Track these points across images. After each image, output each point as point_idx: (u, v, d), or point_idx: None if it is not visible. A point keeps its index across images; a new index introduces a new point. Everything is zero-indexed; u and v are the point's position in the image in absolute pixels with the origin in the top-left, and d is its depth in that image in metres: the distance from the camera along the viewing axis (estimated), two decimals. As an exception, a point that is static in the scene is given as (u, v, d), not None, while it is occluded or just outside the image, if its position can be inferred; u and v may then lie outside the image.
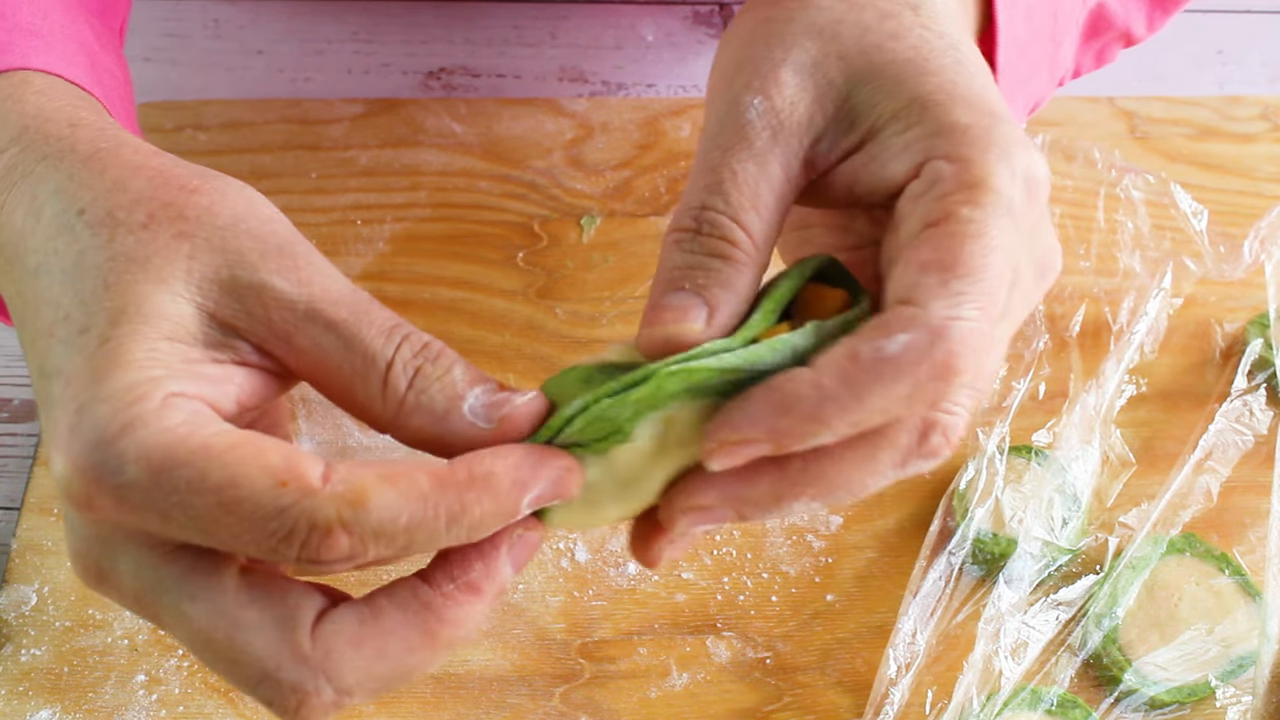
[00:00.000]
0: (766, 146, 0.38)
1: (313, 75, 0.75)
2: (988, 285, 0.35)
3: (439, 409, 0.36)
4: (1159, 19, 0.58)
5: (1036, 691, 0.53)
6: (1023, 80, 0.49)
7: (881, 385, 0.34)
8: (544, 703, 0.54)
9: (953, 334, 0.34)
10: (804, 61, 0.39)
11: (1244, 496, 0.60)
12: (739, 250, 0.38)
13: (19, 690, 0.53)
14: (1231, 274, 0.66)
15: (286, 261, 0.36)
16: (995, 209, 0.36)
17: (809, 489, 0.36)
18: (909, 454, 0.37)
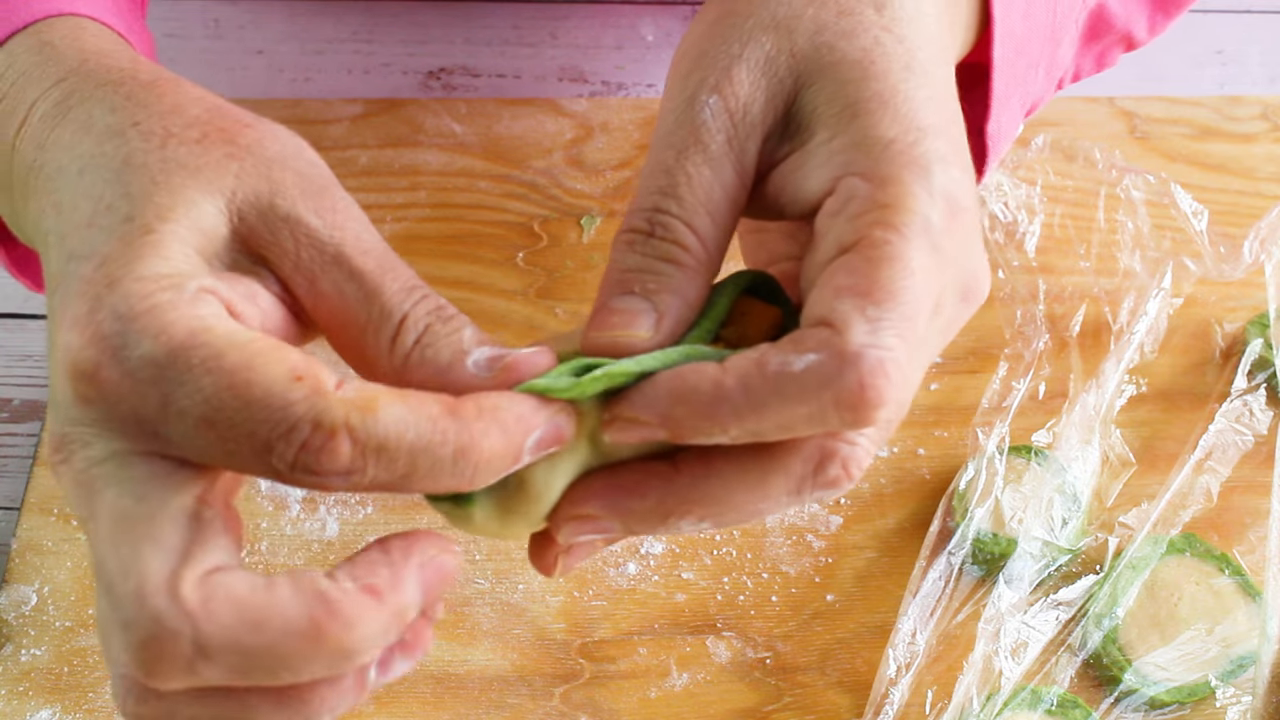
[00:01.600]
0: (721, 149, 0.38)
1: (313, 75, 0.75)
2: (906, 311, 0.35)
3: (443, 361, 0.36)
4: (1161, 22, 0.58)
5: (1036, 691, 0.53)
6: (1019, 78, 0.49)
7: (781, 400, 0.34)
8: (544, 703, 0.54)
9: (865, 362, 0.34)
10: (759, 58, 0.39)
11: (1244, 496, 0.60)
12: (690, 255, 0.37)
13: (19, 690, 0.53)
14: (1231, 274, 0.66)
15: (325, 202, 0.37)
16: (911, 231, 0.35)
17: (697, 508, 0.36)
18: (804, 482, 0.36)
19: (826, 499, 0.38)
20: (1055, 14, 0.50)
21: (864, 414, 0.34)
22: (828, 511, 0.59)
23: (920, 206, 0.36)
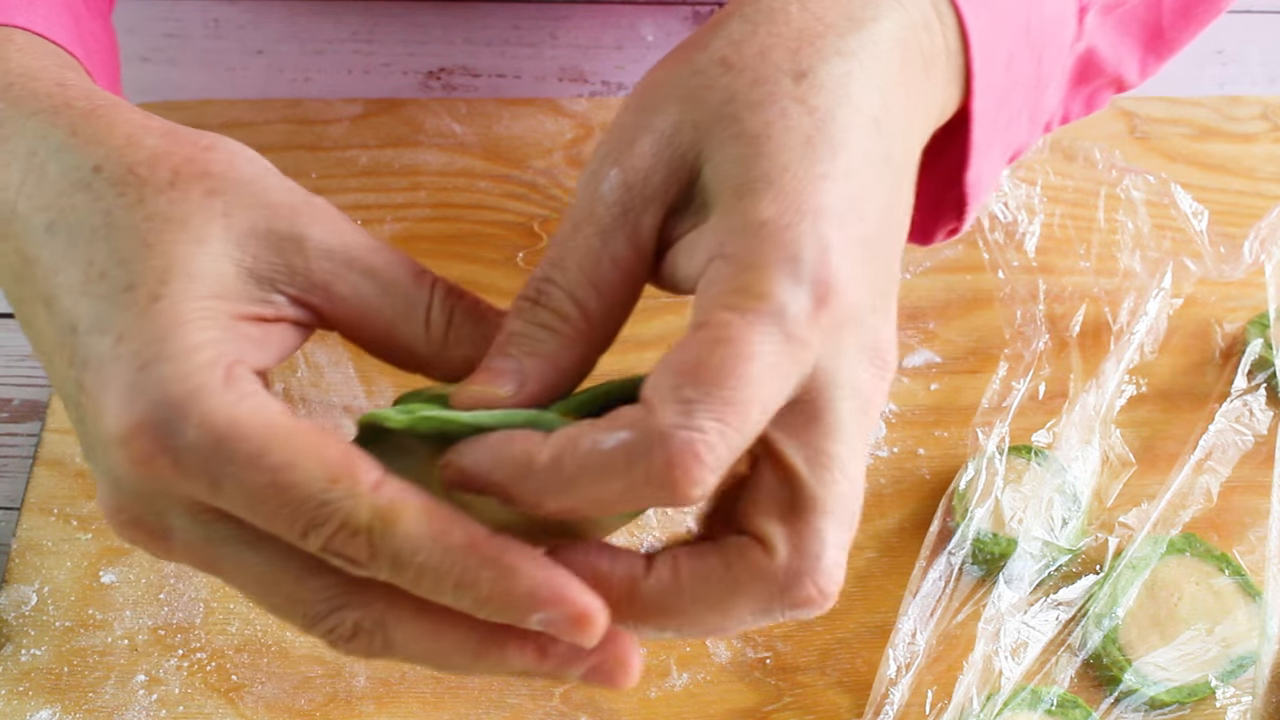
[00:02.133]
0: (614, 221, 0.38)
1: (313, 75, 0.75)
2: (729, 395, 0.33)
3: (480, 343, 0.38)
4: (1153, 65, 0.57)
5: (1036, 691, 0.53)
6: (1002, 127, 0.48)
7: (591, 476, 0.34)
8: (544, 703, 0.54)
9: (672, 442, 0.33)
10: (663, 129, 0.38)
11: (1244, 496, 0.60)
12: (568, 325, 0.37)
13: (19, 690, 0.53)
14: (1231, 274, 0.66)
15: (319, 214, 0.37)
16: (758, 317, 0.34)
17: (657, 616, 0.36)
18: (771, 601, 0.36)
19: (801, 617, 0.37)
20: (1041, 63, 0.48)
21: (675, 492, 0.33)
22: (828, 511, 0.59)
23: (776, 292, 0.35)
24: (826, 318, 0.35)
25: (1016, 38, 0.46)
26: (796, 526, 0.36)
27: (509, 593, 0.34)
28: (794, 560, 0.35)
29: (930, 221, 0.50)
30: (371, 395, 0.62)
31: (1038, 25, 0.47)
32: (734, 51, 0.39)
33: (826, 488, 0.36)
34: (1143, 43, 0.56)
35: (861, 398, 0.36)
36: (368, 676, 0.54)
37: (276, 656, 0.55)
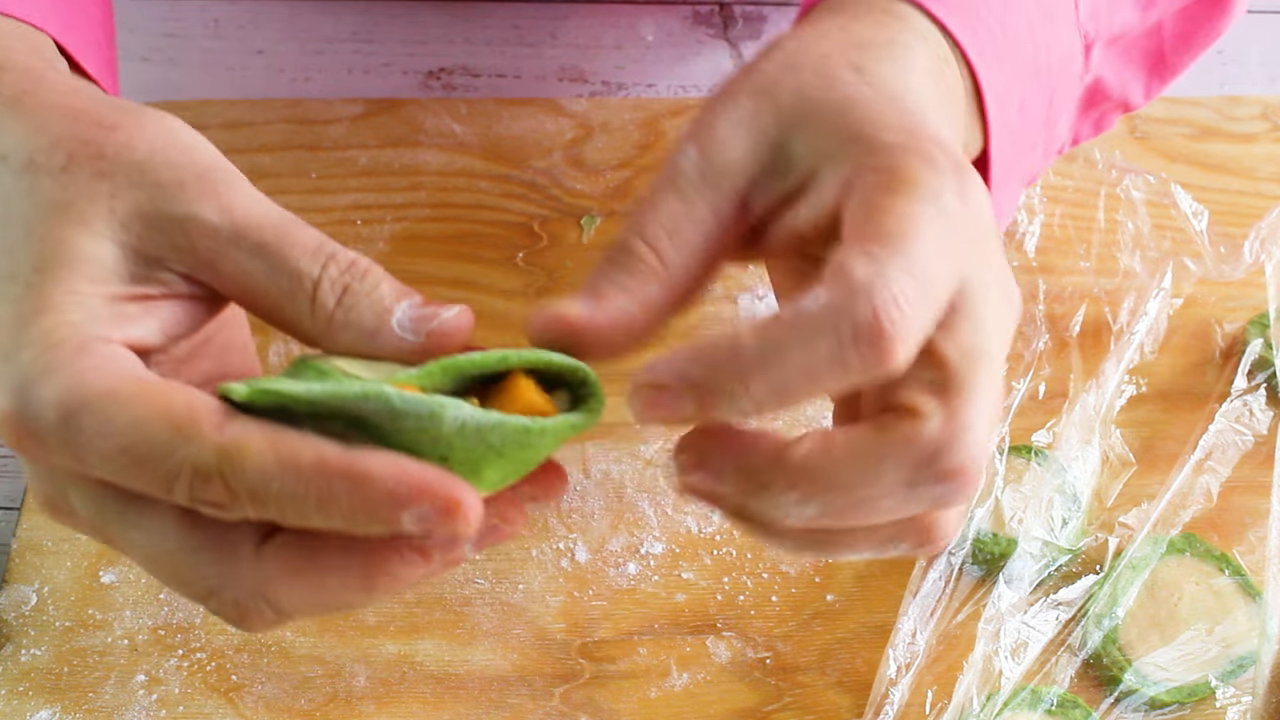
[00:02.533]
0: (692, 185, 0.38)
1: (313, 75, 0.75)
2: (913, 251, 0.34)
3: (369, 325, 0.36)
4: (1157, 88, 0.58)
5: (1036, 691, 0.53)
6: (1017, 163, 0.49)
7: (798, 341, 0.33)
8: (544, 703, 0.54)
9: (875, 291, 0.33)
10: (740, 116, 0.39)
11: (1244, 496, 0.60)
12: (641, 263, 0.37)
13: (19, 690, 0.53)
14: (1231, 274, 0.66)
15: (207, 189, 0.37)
16: (918, 195, 0.35)
17: (804, 483, 0.35)
18: (918, 471, 0.35)
19: (947, 502, 0.36)
20: (1052, 103, 0.50)
21: (883, 347, 0.33)
22: (828, 511, 0.59)
23: (928, 180, 0.36)
24: (971, 217, 0.36)
25: (1028, 82, 0.47)
26: (948, 398, 0.35)
27: (369, 499, 0.33)
28: (947, 426, 0.35)
29: None
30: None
31: (1046, 68, 0.48)
32: (793, 58, 0.40)
33: (978, 373, 0.35)
34: (1146, 68, 0.57)
35: (998, 320, 0.37)
36: (368, 676, 0.54)
37: (276, 656, 0.55)
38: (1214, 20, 0.57)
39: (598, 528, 0.58)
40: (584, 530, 0.58)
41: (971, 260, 0.36)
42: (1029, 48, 0.47)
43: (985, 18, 0.45)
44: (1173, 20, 0.56)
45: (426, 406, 0.34)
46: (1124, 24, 0.52)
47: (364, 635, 0.55)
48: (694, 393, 0.34)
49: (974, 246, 0.36)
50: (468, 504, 0.34)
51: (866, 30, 0.42)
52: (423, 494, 0.33)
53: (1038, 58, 0.48)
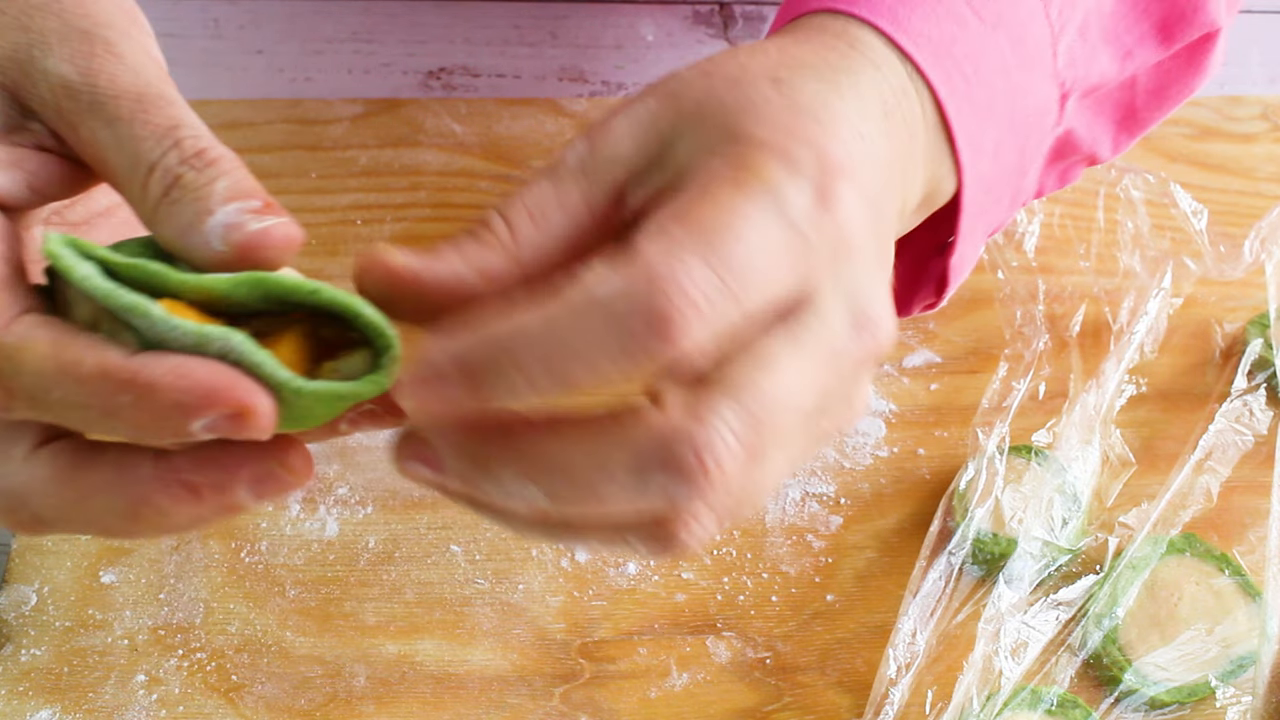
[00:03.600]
0: (569, 173, 0.37)
1: (313, 75, 0.75)
2: (721, 242, 0.32)
3: (184, 222, 0.34)
4: (1125, 142, 0.57)
5: (1036, 691, 0.53)
6: (985, 212, 0.48)
7: (579, 319, 0.31)
8: (544, 703, 0.54)
9: (665, 276, 0.31)
10: (641, 115, 0.38)
11: (1244, 496, 0.60)
12: (490, 234, 0.36)
13: (19, 690, 0.53)
14: (1232, 274, 0.66)
15: (83, 48, 0.36)
16: (753, 189, 0.33)
17: (526, 463, 0.33)
18: (648, 461, 0.32)
19: (677, 500, 0.33)
20: (1024, 151, 0.48)
21: (666, 335, 0.31)
22: (828, 511, 0.59)
23: (775, 178, 0.34)
24: (825, 220, 0.34)
25: (1001, 128, 0.46)
26: (700, 394, 0.33)
27: (156, 408, 0.32)
28: (686, 421, 0.32)
29: (909, 294, 0.51)
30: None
31: (1021, 116, 0.47)
32: (714, 66, 0.39)
33: (755, 378, 0.33)
34: (1116, 122, 0.56)
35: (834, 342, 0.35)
36: (368, 676, 0.54)
37: (276, 656, 0.55)
38: (1189, 77, 0.56)
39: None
40: (584, 530, 0.58)
41: (819, 272, 0.34)
42: (1004, 92, 0.46)
43: (957, 55, 0.44)
44: (1147, 74, 0.56)
45: (192, 337, 0.32)
46: (1101, 75, 0.51)
47: (364, 635, 0.55)
48: (467, 376, 0.32)
49: (826, 258, 0.34)
50: (261, 408, 0.32)
51: (807, 52, 0.40)
52: (213, 401, 0.32)
53: (1013, 103, 0.46)
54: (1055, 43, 0.48)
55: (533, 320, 0.32)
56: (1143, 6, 0.52)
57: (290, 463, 0.35)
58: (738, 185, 0.33)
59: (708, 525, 0.35)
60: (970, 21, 0.45)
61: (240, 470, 0.35)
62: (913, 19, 0.43)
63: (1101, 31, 0.51)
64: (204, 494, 0.34)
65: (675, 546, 0.35)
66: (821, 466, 0.61)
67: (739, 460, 0.33)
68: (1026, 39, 0.47)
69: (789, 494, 0.60)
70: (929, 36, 0.43)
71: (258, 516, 0.58)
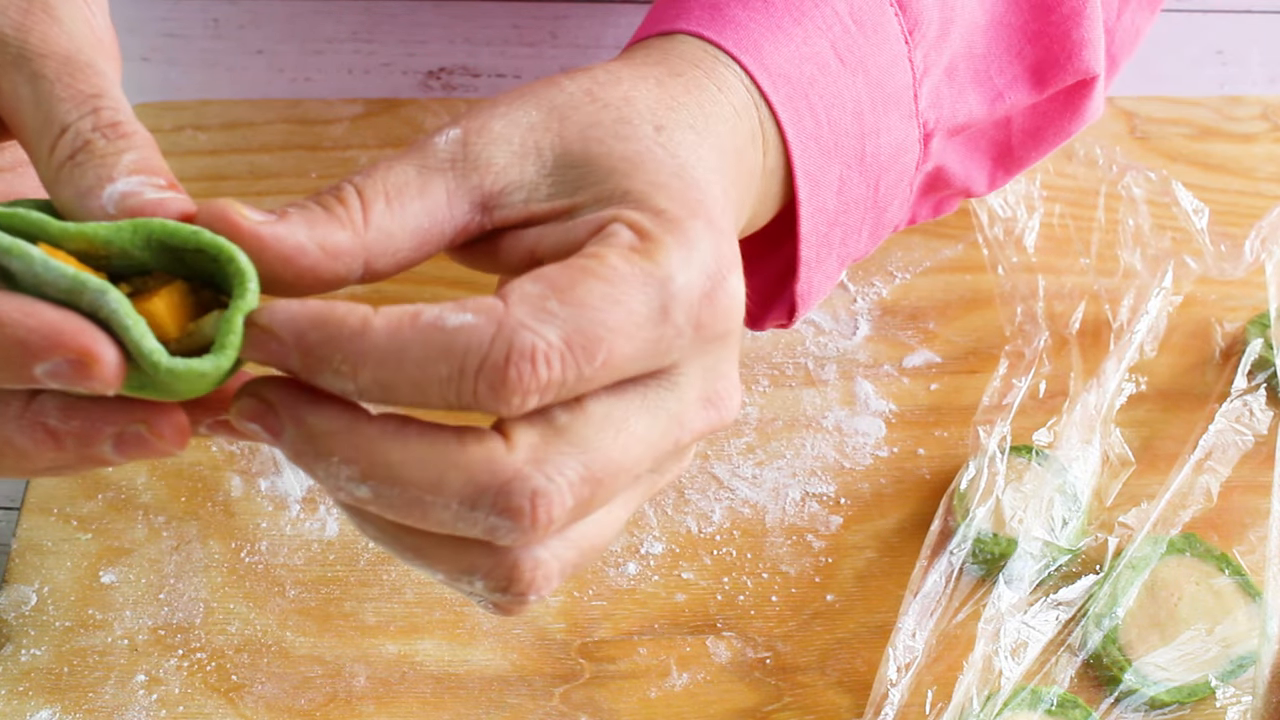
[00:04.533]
0: (439, 165, 0.37)
1: (313, 75, 0.75)
2: (587, 326, 0.33)
3: (84, 185, 0.34)
4: (1002, 178, 0.58)
5: (1036, 691, 0.53)
6: (836, 244, 0.49)
7: (423, 350, 0.32)
8: (544, 703, 0.54)
9: (519, 342, 0.32)
10: (520, 121, 0.38)
11: (1244, 496, 0.60)
12: (341, 208, 0.35)
13: (19, 690, 0.53)
14: (1232, 273, 0.66)
15: (21, 4, 0.35)
16: (644, 276, 0.34)
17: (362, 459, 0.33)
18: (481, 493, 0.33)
19: (500, 537, 0.34)
20: (878, 188, 0.49)
21: (502, 393, 0.32)
22: (828, 511, 0.60)
23: (669, 264, 0.35)
24: (707, 316, 0.35)
25: (849, 164, 0.47)
26: (546, 440, 0.34)
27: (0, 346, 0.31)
28: (528, 467, 0.33)
29: (761, 313, 0.51)
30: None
31: (873, 154, 0.48)
32: (599, 89, 0.39)
33: (599, 436, 0.34)
34: (992, 158, 0.57)
35: (684, 416, 0.36)
36: (368, 676, 0.54)
37: (276, 656, 0.55)
38: (1065, 121, 0.56)
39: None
40: (584, 530, 0.58)
41: (686, 354, 0.35)
42: (855, 133, 0.47)
43: (812, 98, 0.45)
44: (1022, 115, 0.56)
45: (68, 280, 0.32)
46: (969, 115, 0.52)
47: (364, 635, 0.55)
48: (303, 355, 0.33)
49: (698, 344, 0.35)
50: (106, 359, 0.31)
51: (681, 90, 0.41)
52: (56, 345, 0.31)
53: (864, 143, 0.47)
54: (918, 85, 0.49)
55: (382, 332, 0.32)
56: (1016, 50, 0.53)
57: (159, 428, 0.34)
58: (630, 267, 0.34)
59: (550, 575, 0.36)
60: (831, 65, 0.46)
61: (105, 426, 0.34)
62: (777, 58, 0.44)
63: (971, 73, 0.52)
64: (65, 443, 0.34)
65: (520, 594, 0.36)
66: (821, 466, 0.61)
67: (567, 512, 0.34)
68: (886, 82, 0.47)
69: (789, 494, 0.60)
70: (788, 77, 0.45)
71: (258, 516, 0.58)
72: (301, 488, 0.59)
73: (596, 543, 0.37)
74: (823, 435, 0.62)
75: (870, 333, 0.65)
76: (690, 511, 0.59)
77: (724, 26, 0.44)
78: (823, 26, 0.46)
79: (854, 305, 0.66)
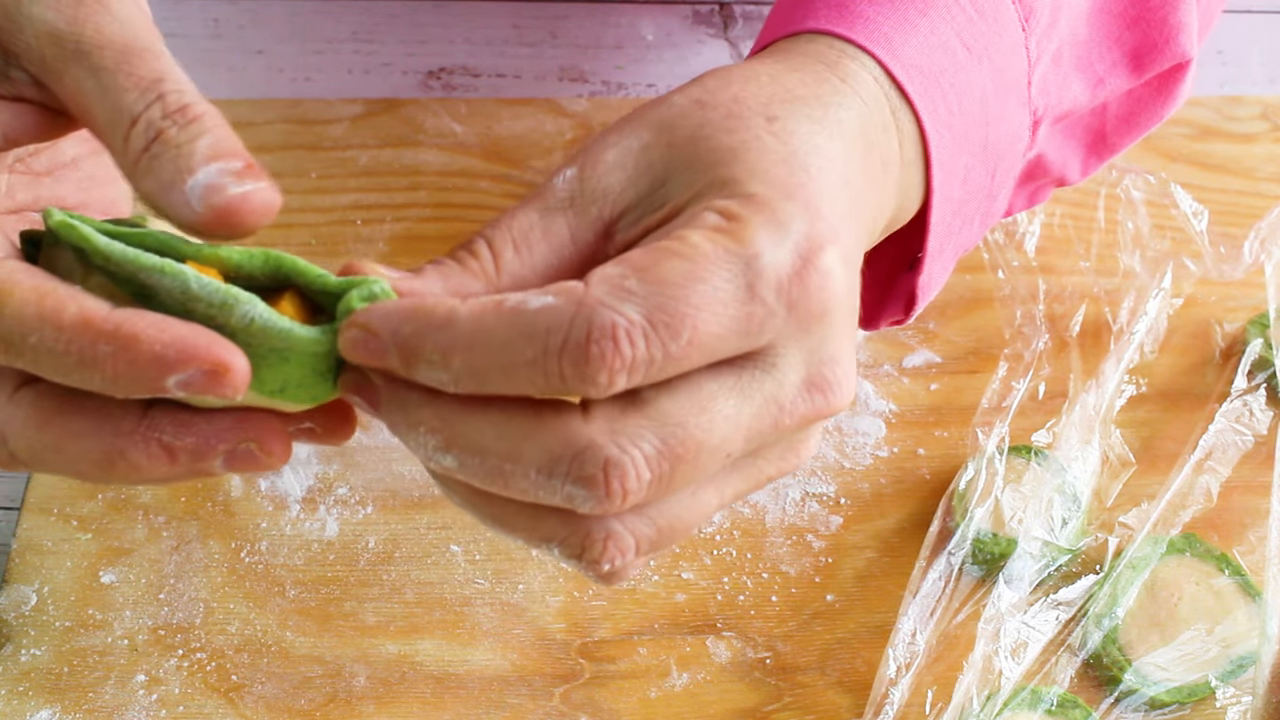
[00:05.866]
0: (559, 203, 0.37)
1: (313, 75, 0.75)
2: (666, 303, 0.33)
3: (165, 179, 0.34)
4: (1094, 165, 0.58)
5: (1036, 691, 0.53)
6: (955, 233, 0.48)
7: (508, 332, 0.33)
8: (544, 703, 0.54)
9: (598, 317, 0.32)
10: (632, 146, 0.38)
11: (1244, 496, 0.60)
12: (474, 261, 0.37)
13: (19, 690, 0.53)
14: (1231, 274, 0.66)
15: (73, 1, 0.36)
16: (727, 254, 0.34)
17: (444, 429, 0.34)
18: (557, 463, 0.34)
19: (578, 505, 0.34)
20: (995, 176, 0.49)
21: (586, 371, 0.32)
22: (828, 511, 0.60)
23: (757, 244, 0.34)
24: (799, 293, 0.35)
25: (974, 154, 0.47)
26: (625, 412, 0.34)
27: (134, 362, 0.32)
28: (603, 437, 0.34)
29: (876, 311, 0.51)
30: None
31: (994, 142, 0.48)
32: (708, 95, 0.39)
33: (679, 412, 0.34)
34: (1086, 145, 0.57)
35: (780, 396, 0.35)
36: (368, 676, 0.54)
37: (276, 656, 0.55)
38: (1159, 105, 0.57)
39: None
40: (584, 530, 0.58)
41: (782, 335, 0.35)
42: (980, 121, 0.47)
43: (944, 86, 0.45)
44: (1118, 101, 0.56)
45: (221, 295, 0.34)
46: (1073, 101, 0.52)
47: (364, 635, 0.55)
48: (399, 349, 0.34)
49: (793, 324, 0.35)
50: (237, 368, 0.33)
51: (798, 83, 0.40)
52: (191, 357, 0.32)
53: (987, 131, 0.47)
54: (1031, 72, 0.49)
55: (468, 319, 0.33)
56: (1116, 35, 0.53)
57: (268, 445, 0.36)
58: (715, 245, 0.34)
59: (624, 548, 0.36)
60: (959, 53, 0.46)
61: (219, 443, 0.35)
62: (907, 49, 0.44)
63: (1075, 59, 0.51)
64: (179, 458, 0.35)
65: (593, 562, 0.36)
66: (821, 466, 0.61)
67: (644, 486, 0.34)
68: (1007, 70, 0.47)
69: (789, 494, 0.60)
70: (920, 68, 0.44)
71: (258, 516, 0.58)
72: (301, 488, 0.59)
73: (678, 524, 0.37)
74: (823, 435, 0.62)
75: (870, 333, 0.65)
76: (690, 511, 0.59)
77: (853, 21, 0.44)
78: (947, 16, 0.45)
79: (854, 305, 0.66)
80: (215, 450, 0.35)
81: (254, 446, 0.35)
